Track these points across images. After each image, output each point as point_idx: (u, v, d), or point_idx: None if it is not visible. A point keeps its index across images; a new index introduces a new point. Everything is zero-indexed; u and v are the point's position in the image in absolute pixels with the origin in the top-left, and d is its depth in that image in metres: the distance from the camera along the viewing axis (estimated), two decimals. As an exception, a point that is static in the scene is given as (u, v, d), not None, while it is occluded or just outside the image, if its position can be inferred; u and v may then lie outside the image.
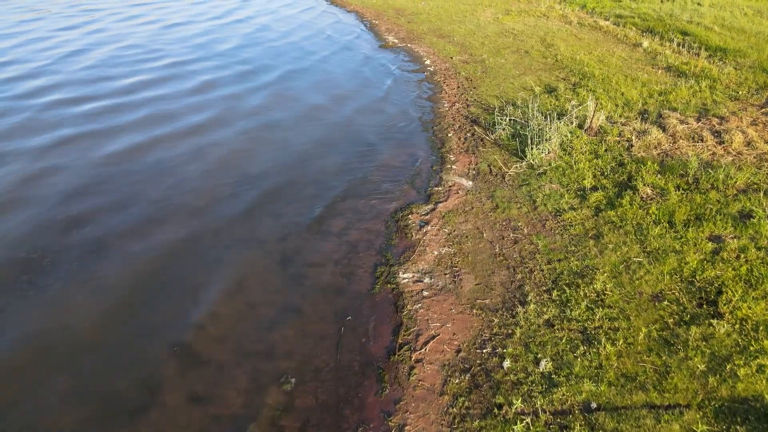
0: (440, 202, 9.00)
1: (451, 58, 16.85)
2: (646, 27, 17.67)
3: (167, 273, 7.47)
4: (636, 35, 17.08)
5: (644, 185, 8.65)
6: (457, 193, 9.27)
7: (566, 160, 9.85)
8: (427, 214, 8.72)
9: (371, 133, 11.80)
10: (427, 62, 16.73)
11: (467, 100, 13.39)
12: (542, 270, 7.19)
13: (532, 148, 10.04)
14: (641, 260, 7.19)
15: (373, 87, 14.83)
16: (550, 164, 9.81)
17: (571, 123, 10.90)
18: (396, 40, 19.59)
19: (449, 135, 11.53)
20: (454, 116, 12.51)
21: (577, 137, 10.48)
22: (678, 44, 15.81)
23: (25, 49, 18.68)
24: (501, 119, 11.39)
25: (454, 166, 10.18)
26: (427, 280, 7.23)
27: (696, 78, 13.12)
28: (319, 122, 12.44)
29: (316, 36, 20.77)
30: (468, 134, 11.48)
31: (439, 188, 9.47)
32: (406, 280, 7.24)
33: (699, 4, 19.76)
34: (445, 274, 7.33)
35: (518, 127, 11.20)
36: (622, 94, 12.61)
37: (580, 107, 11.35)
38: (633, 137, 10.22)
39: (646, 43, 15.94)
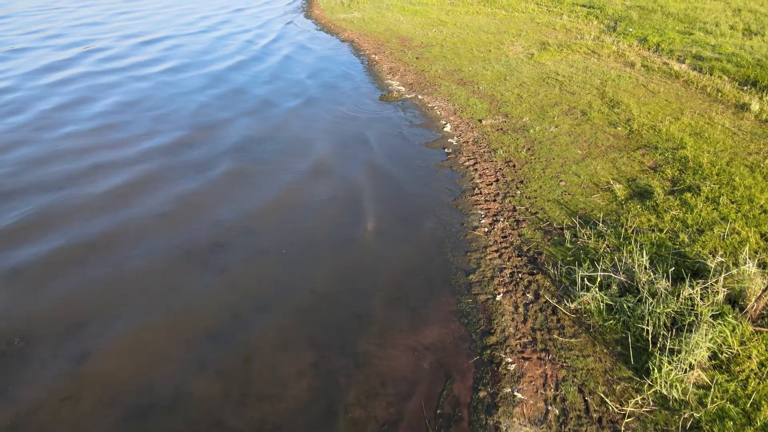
0: None
1: (480, 121, 12.26)
2: (742, 76, 13.04)
3: None
4: (733, 89, 12.44)
5: None
6: (537, 489, 4.69)
7: (730, 389, 5.27)
8: None
9: (361, 291, 7.15)
10: (447, 128, 12.13)
11: (515, 209, 8.79)
12: None
13: (659, 359, 5.47)
14: None
15: (370, 180, 10.24)
16: (699, 399, 5.24)
17: (714, 292, 6.29)
18: (402, 88, 14.98)
19: (497, 298, 6.91)
20: (500, 248, 7.91)
21: (736, 332, 5.88)
22: (803, 107, 11.24)
23: None
24: (582, 270, 6.82)
25: (516, 392, 5.58)
26: None
27: None
28: (278, 238, 7.85)
29: (299, 79, 16.21)
30: (529, 296, 6.88)
31: (499, 468, 4.89)
32: None
33: (800, 39, 15.15)
34: None
35: (616, 287, 6.62)
36: (763, 208, 8.02)
37: (728, 271, 6.73)
38: None
39: (755, 105, 11.35)
